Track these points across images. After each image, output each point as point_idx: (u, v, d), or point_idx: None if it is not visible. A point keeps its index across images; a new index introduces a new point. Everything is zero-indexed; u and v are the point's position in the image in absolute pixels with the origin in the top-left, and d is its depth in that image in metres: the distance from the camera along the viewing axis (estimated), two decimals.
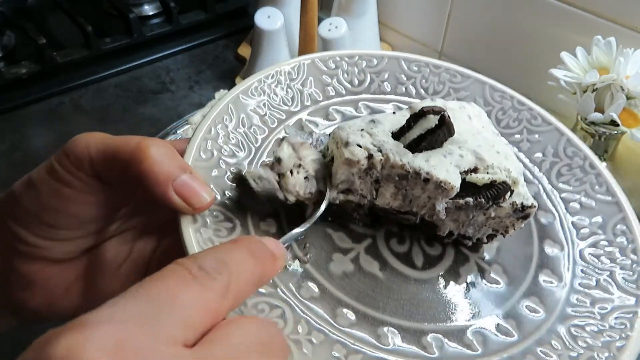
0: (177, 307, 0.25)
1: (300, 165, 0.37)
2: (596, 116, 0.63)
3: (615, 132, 0.63)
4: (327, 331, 0.34)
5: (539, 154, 0.47)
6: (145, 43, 0.87)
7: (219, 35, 0.93)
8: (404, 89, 0.50)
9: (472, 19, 0.85)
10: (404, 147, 0.37)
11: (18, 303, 0.40)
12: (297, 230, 0.36)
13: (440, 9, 0.88)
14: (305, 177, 0.38)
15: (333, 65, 0.49)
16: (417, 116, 0.37)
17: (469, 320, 0.37)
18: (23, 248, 0.37)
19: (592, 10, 0.71)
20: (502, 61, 0.82)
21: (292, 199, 0.37)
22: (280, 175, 0.37)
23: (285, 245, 0.35)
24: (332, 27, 0.84)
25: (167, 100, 0.81)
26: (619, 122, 0.61)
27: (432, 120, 0.37)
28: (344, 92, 0.49)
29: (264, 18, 0.85)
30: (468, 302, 0.38)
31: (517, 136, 0.48)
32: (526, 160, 0.47)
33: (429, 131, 0.37)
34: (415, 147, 0.37)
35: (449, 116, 0.37)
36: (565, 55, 0.67)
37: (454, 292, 0.38)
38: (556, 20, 0.75)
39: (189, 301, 0.25)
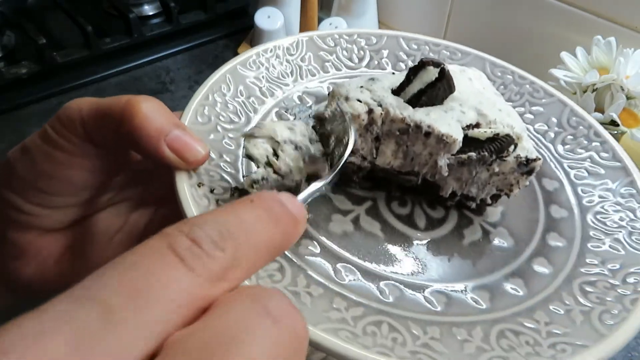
0: (139, 313, 0.19)
1: (278, 143, 0.34)
2: (596, 116, 0.62)
3: (615, 132, 0.62)
4: (327, 284, 0.32)
5: (543, 124, 0.46)
6: (145, 43, 0.87)
7: (219, 35, 0.93)
8: (403, 67, 0.50)
9: (472, 19, 0.85)
10: (404, 102, 0.37)
11: (11, 273, 0.39)
12: (317, 183, 0.31)
13: (440, 9, 0.88)
14: (295, 148, 0.35)
15: (332, 43, 0.49)
16: (416, 69, 0.37)
17: (473, 278, 0.35)
18: (17, 216, 0.37)
19: (592, 10, 0.72)
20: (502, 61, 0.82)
21: (297, 176, 0.35)
22: (270, 165, 0.34)
23: (306, 204, 0.30)
24: (332, 27, 0.85)
25: (167, 100, 0.80)
26: (619, 122, 0.61)
27: (432, 73, 0.36)
28: (342, 68, 0.48)
29: (264, 18, 0.85)
30: (472, 262, 0.36)
31: (520, 109, 0.47)
32: (531, 129, 0.46)
33: (429, 85, 0.36)
34: (415, 102, 0.37)
35: (448, 70, 0.36)
36: (565, 55, 0.67)
37: (457, 252, 0.37)
38: (556, 20, 0.75)
39: (162, 305, 0.19)
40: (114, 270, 0.20)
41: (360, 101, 0.36)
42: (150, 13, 0.91)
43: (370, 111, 0.36)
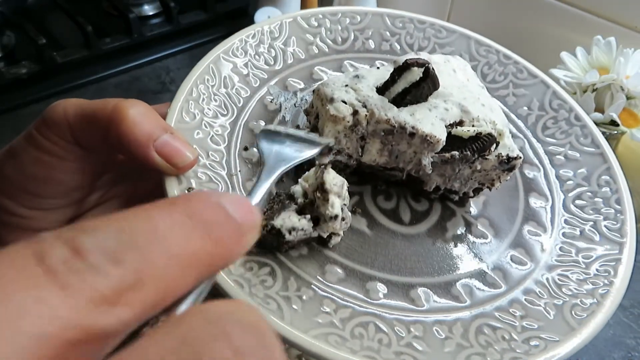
0: None
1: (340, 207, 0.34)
2: (596, 116, 0.62)
3: (615, 132, 0.63)
4: (316, 287, 0.34)
5: (525, 108, 0.47)
6: (145, 43, 0.87)
7: (219, 35, 0.93)
8: (388, 46, 0.49)
9: (472, 19, 0.84)
10: (388, 101, 0.37)
11: None
12: (266, 179, 0.30)
13: (440, 8, 0.88)
14: (343, 206, 0.35)
15: (316, 24, 0.48)
16: (401, 69, 0.37)
17: (456, 273, 0.37)
18: (9, 219, 0.37)
19: (592, 10, 0.71)
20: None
21: (327, 232, 0.35)
22: (315, 219, 0.34)
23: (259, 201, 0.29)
24: None
25: (167, 100, 0.80)
26: (619, 122, 0.61)
27: (417, 73, 0.36)
28: (327, 50, 0.48)
29: (264, 18, 0.85)
30: (455, 256, 0.38)
31: (503, 91, 0.48)
32: (512, 115, 0.47)
33: (414, 84, 0.37)
34: (400, 101, 0.37)
35: (433, 69, 0.36)
36: (565, 55, 0.67)
37: (441, 246, 0.38)
38: (556, 20, 0.75)
39: (18, 320, 0.14)
40: None
41: (345, 102, 0.37)
42: (150, 13, 0.90)
43: (355, 112, 0.37)
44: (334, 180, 0.33)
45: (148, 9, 0.91)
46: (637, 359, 0.54)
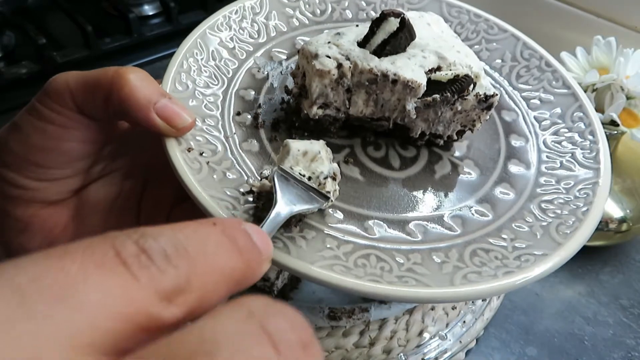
0: (76, 304, 0.16)
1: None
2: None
3: (615, 132, 0.63)
4: (318, 227, 0.36)
5: (498, 61, 0.50)
6: (145, 43, 0.87)
7: None
8: (364, 15, 0.52)
9: None
10: (370, 53, 0.39)
11: (17, 249, 0.41)
12: (277, 212, 0.32)
13: None
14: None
15: None
16: (379, 20, 0.39)
17: (446, 207, 0.39)
18: (15, 192, 0.38)
19: (592, 10, 0.71)
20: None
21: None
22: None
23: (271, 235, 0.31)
24: None
25: None
26: (619, 122, 0.61)
27: (394, 23, 0.39)
28: (307, 22, 0.50)
29: None
30: (444, 194, 0.40)
31: (476, 47, 0.50)
32: (487, 67, 0.49)
33: (392, 35, 0.39)
34: (380, 52, 0.39)
35: (408, 19, 0.39)
36: (565, 55, 0.67)
37: (430, 185, 0.41)
38: (556, 20, 0.75)
39: (92, 309, 0.17)
40: (46, 260, 0.17)
41: (329, 57, 0.39)
42: (150, 13, 0.90)
43: (339, 66, 0.39)
44: (298, 150, 0.35)
45: (148, 9, 0.91)
46: (637, 359, 0.56)
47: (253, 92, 0.44)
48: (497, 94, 0.40)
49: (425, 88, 0.39)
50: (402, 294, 0.32)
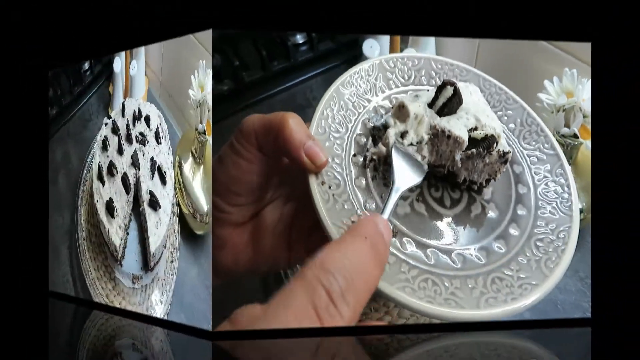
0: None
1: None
2: (565, 130, 0.78)
3: (576, 143, 0.78)
4: (396, 254, 0.47)
5: (512, 125, 0.63)
6: (297, 66, 0.89)
7: (344, 60, 0.95)
8: (433, 82, 0.62)
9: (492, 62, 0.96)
10: (434, 112, 0.51)
11: (217, 262, 0.50)
12: (395, 195, 0.46)
13: (470, 55, 0.95)
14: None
15: (392, 65, 0.62)
16: (440, 87, 0.52)
17: (477, 241, 0.52)
18: (219, 215, 0.47)
19: (564, 49, 0.86)
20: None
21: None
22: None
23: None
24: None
25: (310, 112, 0.81)
26: (578, 135, 0.78)
27: (449, 91, 0.51)
28: (399, 85, 0.61)
29: (368, 48, 0.86)
30: (477, 229, 0.52)
31: (499, 113, 0.62)
32: (505, 129, 0.61)
33: (448, 99, 0.51)
34: (441, 112, 0.51)
35: (458, 87, 0.51)
36: (547, 83, 0.81)
37: (468, 222, 0.53)
38: (541, 56, 0.88)
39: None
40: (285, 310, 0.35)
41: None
42: (300, 41, 0.95)
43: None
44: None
45: (299, 38, 0.98)
46: (590, 317, 0.64)
47: (364, 139, 0.55)
48: (510, 151, 0.52)
49: (467, 143, 0.51)
50: (447, 314, 0.44)
